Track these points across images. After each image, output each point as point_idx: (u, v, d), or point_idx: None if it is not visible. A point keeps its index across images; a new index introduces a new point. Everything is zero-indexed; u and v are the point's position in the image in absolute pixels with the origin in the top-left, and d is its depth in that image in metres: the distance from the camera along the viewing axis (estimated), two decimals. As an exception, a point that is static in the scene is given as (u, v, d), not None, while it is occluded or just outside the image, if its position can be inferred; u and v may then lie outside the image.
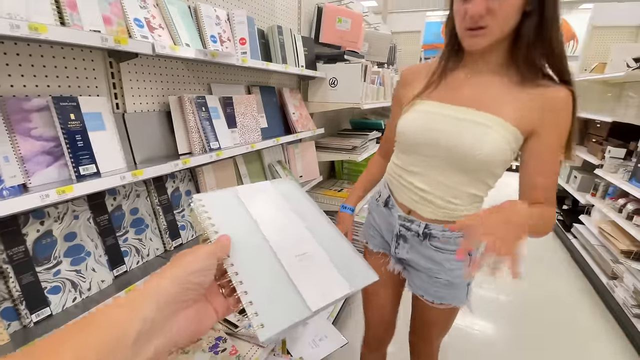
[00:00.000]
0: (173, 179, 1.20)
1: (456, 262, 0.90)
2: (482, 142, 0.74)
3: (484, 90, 0.78)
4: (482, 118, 0.75)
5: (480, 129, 0.74)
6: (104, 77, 1.00)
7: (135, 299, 0.29)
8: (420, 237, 0.91)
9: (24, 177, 0.77)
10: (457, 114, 0.78)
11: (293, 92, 1.86)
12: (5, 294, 0.76)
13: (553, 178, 0.77)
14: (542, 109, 0.73)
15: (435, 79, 0.85)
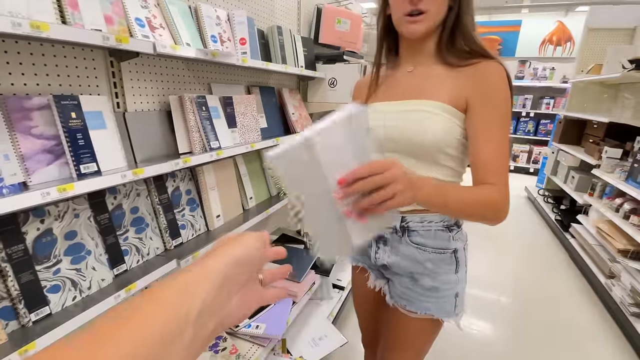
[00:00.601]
0: (173, 178, 1.20)
1: (441, 264, 0.85)
2: (425, 127, 0.75)
3: (424, 80, 0.80)
4: (423, 105, 0.77)
5: (422, 115, 0.76)
6: (104, 76, 1.00)
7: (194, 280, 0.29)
8: (398, 233, 0.87)
9: (24, 176, 0.76)
10: (402, 107, 0.80)
11: (292, 92, 1.87)
12: (3, 293, 0.75)
13: (497, 153, 0.72)
14: (473, 80, 0.74)
15: (373, 82, 0.89)
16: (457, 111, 0.75)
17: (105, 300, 0.86)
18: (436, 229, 0.84)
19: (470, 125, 0.75)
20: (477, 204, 0.69)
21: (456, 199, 0.67)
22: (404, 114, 0.79)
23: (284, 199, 1.70)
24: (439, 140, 0.75)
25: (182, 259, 1.08)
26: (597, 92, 3.52)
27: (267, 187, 1.72)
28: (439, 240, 0.84)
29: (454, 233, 0.86)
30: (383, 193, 0.51)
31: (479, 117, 0.74)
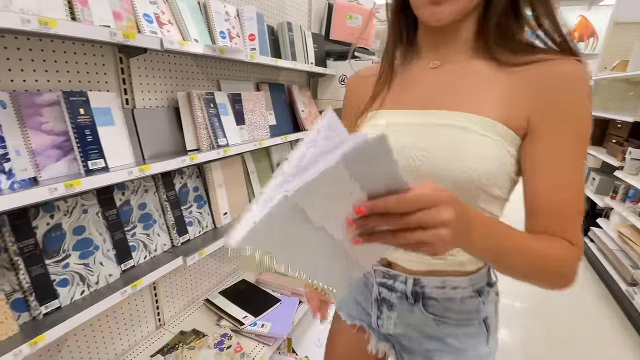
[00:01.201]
0: (181, 174, 1.21)
1: (468, 339, 0.63)
2: (463, 153, 0.51)
3: (454, 82, 0.57)
4: (459, 119, 0.53)
5: (458, 135, 0.52)
6: (114, 73, 1.01)
7: None
8: (409, 299, 0.64)
9: (35, 171, 0.78)
10: (424, 119, 0.56)
11: (302, 89, 1.85)
12: (15, 286, 0.77)
13: (570, 194, 0.50)
14: (537, 91, 0.51)
15: (383, 79, 0.65)
16: (512, 133, 0.51)
17: (113, 295, 0.87)
18: (463, 295, 0.61)
19: (530, 155, 0.52)
20: (543, 261, 0.48)
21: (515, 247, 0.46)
22: (427, 129, 0.54)
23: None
24: (483, 175, 0.51)
25: (188, 255, 1.08)
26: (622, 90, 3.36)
27: (275, 184, 1.72)
28: (466, 309, 0.62)
29: (486, 296, 0.62)
30: (420, 237, 0.35)
31: (549, 145, 0.50)
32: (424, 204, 0.35)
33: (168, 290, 1.30)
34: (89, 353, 1.03)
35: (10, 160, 0.73)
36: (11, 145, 0.74)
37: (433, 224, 0.35)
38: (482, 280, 0.62)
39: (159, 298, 1.26)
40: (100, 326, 1.06)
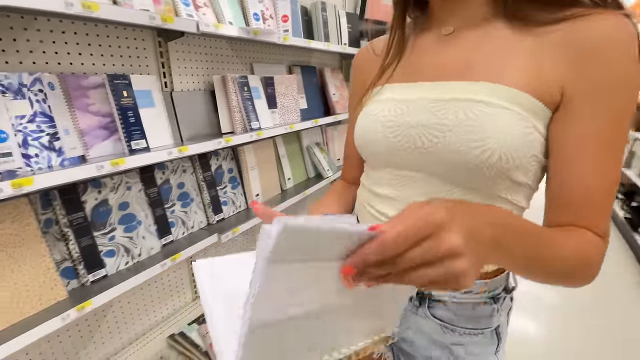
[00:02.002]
0: (217, 156, 1.24)
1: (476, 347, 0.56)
2: (480, 132, 0.43)
3: (471, 48, 0.49)
4: (475, 91, 0.45)
5: (476, 109, 0.44)
6: (153, 56, 1.04)
7: None
8: (413, 301, 0.57)
9: (83, 150, 0.83)
10: (437, 94, 0.48)
11: (334, 71, 1.82)
12: (66, 255, 0.84)
13: (606, 182, 0.43)
14: (573, 55, 0.42)
15: (393, 52, 0.57)
16: (542, 106, 0.43)
17: (154, 267, 0.93)
18: (476, 301, 0.54)
19: (562, 133, 0.43)
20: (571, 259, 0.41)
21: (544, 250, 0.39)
22: (439, 104, 0.47)
23: (321, 180, 1.69)
24: (505, 156, 0.43)
25: (223, 233, 1.13)
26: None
27: (304, 168, 1.72)
28: (478, 317, 0.55)
29: (501, 303, 0.55)
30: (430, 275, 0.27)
31: (585, 122, 0.42)
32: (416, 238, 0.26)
33: (203, 266, 1.37)
34: (132, 319, 1.12)
35: (60, 139, 0.78)
36: (60, 125, 0.79)
37: (438, 259, 0.26)
38: (500, 285, 0.55)
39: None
40: (142, 295, 1.14)
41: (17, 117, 0.71)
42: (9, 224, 0.73)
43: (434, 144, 0.47)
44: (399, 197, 0.54)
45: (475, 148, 0.43)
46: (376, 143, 0.53)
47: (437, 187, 0.50)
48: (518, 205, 0.49)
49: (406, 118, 0.49)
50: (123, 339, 1.10)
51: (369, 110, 0.55)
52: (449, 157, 0.46)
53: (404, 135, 0.49)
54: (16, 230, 0.74)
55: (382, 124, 0.52)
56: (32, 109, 0.74)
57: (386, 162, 0.54)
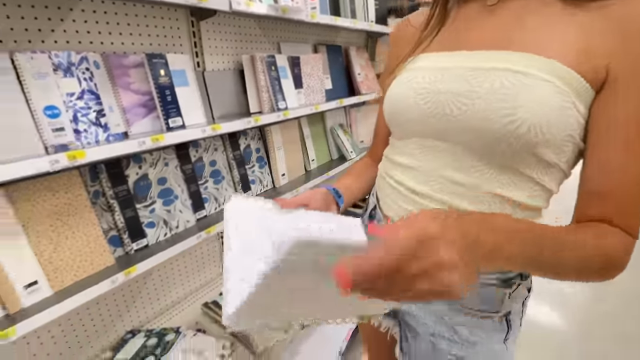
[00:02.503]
0: (245, 136, 1.28)
1: (482, 332, 0.54)
2: (513, 102, 0.41)
3: (515, 19, 0.47)
4: (514, 61, 0.43)
5: (513, 79, 0.42)
6: (187, 36, 1.07)
7: None
8: None
9: (125, 126, 0.88)
10: (475, 62, 0.47)
11: (360, 50, 1.79)
12: (112, 225, 0.90)
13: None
14: (624, 32, 0.40)
15: (434, 23, 0.55)
16: (585, 84, 0.41)
17: (189, 238, 0.99)
18: (485, 282, 0.52)
19: (604, 116, 0.41)
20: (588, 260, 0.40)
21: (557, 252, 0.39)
22: (474, 73, 0.46)
23: (344, 162, 1.70)
24: (534, 129, 0.41)
25: (251, 210, 1.17)
26: None
27: (328, 150, 1.74)
28: (486, 300, 0.53)
29: (514, 289, 0.53)
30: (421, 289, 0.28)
31: (631, 106, 0.40)
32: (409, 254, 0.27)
33: (232, 241, 1.44)
34: (169, 287, 1.20)
35: (106, 115, 0.83)
36: (105, 102, 0.84)
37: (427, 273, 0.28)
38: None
39: (225, 247, 1.40)
40: (179, 265, 1.21)
41: (67, 95, 0.76)
42: (63, 194, 0.79)
43: (463, 112, 0.46)
44: (420, 168, 0.53)
45: (504, 116, 0.42)
46: (407, 110, 0.52)
47: (460, 159, 0.49)
48: (545, 186, 0.47)
49: (439, 85, 0.49)
50: (161, 304, 1.18)
51: (402, 77, 0.55)
52: (475, 125, 0.45)
53: (434, 101, 0.49)
54: (69, 200, 0.80)
55: (415, 90, 0.51)
56: (80, 87, 0.78)
57: (413, 131, 0.53)
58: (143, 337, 1.04)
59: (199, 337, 1.04)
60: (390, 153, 0.61)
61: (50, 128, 0.72)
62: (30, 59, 0.70)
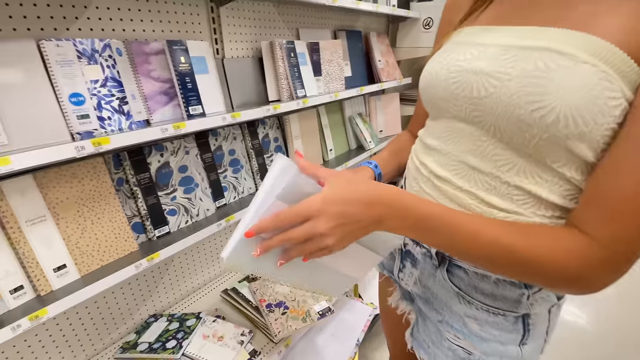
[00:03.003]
0: (264, 125, 1.27)
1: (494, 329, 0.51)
2: (546, 86, 0.37)
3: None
4: (556, 39, 0.38)
5: (548, 62, 0.38)
6: (206, 23, 1.05)
7: None
8: (433, 260, 0.55)
9: (147, 114, 0.88)
10: (511, 39, 0.43)
11: (380, 36, 1.74)
12: (135, 212, 0.92)
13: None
14: None
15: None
16: (637, 67, 0.35)
17: (210, 226, 0.99)
18: (500, 277, 0.49)
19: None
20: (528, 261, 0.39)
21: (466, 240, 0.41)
22: (512, 52, 0.42)
23: (363, 152, 1.67)
24: (569, 120, 0.36)
25: (270, 199, 1.17)
26: None
27: (346, 139, 1.71)
28: (500, 296, 0.50)
29: (534, 290, 0.48)
30: (310, 248, 0.41)
31: None
32: (300, 218, 0.40)
33: (250, 230, 1.45)
34: (189, 273, 1.22)
35: (128, 103, 0.83)
36: (128, 90, 0.84)
37: (309, 237, 0.40)
38: None
39: (243, 236, 1.41)
40: (199, 252, 1.23)
41: (91, 82, 0.76)
42: (89, 181, 0.81)
43: (490, 94, 0.43)
44: (443, 151, 0.52)
45: (530, 102, 0.38)
46: (437, 88, 0.50)
47: (482, 145, 0.46)
48: (578, 186, 0.41)
49: (473, 63, 0.45)
50: (182, 290, 1.21)
51: (440, 52, 0.52)
52: (500, 110, 0.42)
53: (463, 82, 0.46)
54: (94, 186, 0.82)
55: (448, 68, 0.48)
56: (103, 74, 0.79)
57: (442, 111, 0.51)
58: (165, 321, 1.06)
59: (219, 323, 1.06)
60: (422, 134, 0.59)
61: (75, 115, 0.73)
62: (56, 46, 0.70)
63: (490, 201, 0.46)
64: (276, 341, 1.03)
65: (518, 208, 0.44)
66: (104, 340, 1.01)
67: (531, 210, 0.44)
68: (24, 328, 0.65)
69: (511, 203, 0.45)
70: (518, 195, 0.44)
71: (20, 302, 0.70)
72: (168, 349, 0.95)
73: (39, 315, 0.67)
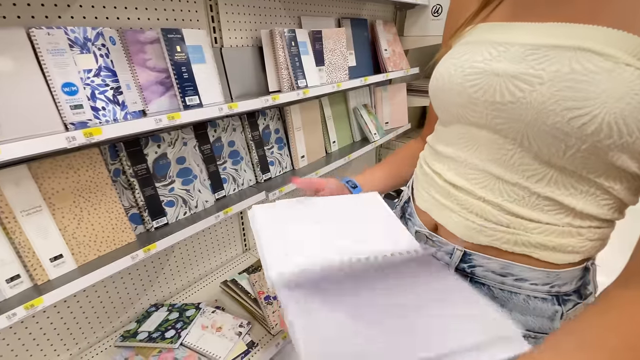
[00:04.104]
0: (264, 116, 1.25)
1: None
2: (585, 92, 0.33)
3: None
4: (594, 38, 0.34)
5: (586, 62, 0.34)
6: (203, 10, 1.03)
7: None
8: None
9: (143, 104, 0.87)
10: (539, 37, 0.38)
11: (387, 25, 1.68)
12: (132, 203, 0.92)
13: None
14: None
15: None
16: None
17: (208, 218, 0.99)
18: (531, 295, 0.44)
19: None
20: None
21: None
22: (541, 52, 0.37)
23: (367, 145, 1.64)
24: (613, 129, 0.33)
25: (270, 191, 1.16)
26: None
27: (350, 131, 1.68)
28: (531, 315, 0.45)
29: (568, 307, 0.45)
30: None
31: None
32: None
33: (252, 221, 1.44)
34: (190, 264, 1.23)
35: (123, 93, 0.82)
36: (122, 79, 0.83)
37: None
38: (570, 283, 0.43)
39: (245, 226, 1.40)
40: (199, 243, 1.24)
41: (84, 71, 0.75)
42: (85, 172, 0.81)
43: (517, 99, 0.38)
44: (459, 158, 0.47)
45: (568, 109, 0.34)
46: (451, 92, 0.45)
47: (508, 154, 0.41)
48: (617, 196, 0.38)
49: (493, 64, 0.40)
50: (182, 281, 1.21)
51: (452, 53, 0.47)
52: (530, 117, 0.37)
53: (483, 84, 0.41)
54: (91, 177, 0.82)
55: (463, 70, 0.43)
56: (97, 63, 0.77)
57: (457, 117, 0.46)
58: (165, 311, 1.07)
59: (218, 313, 1.06)
60: (432, 140, 0.54)
61: (69, 105, 0.72)
62: (47, 35, 0.69)
63: (518, 213, 0.42)
64: (274, 333, 1.03)
65: (550, 219, 0.41)
66: (106, 328, 1.03)
67: (565, 221, 0.40)
68: (19, 316, 0.66)
69: (542, 214, 0.41)
70: (550, 206, 0.40)
71: (17, 291, 0.71)
72: (167, 338, 0.96)
73: (35, 305, 0.68)
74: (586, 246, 0.41)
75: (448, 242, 0.49)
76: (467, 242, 0.46)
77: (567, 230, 0.40)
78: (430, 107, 0.65)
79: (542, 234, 0.41)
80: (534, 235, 0.42)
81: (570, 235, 0.41)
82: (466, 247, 0.47)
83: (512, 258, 0.43)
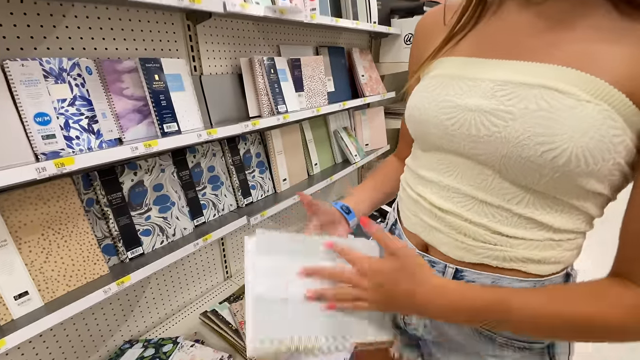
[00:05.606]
0: (245, 141, 1.25)
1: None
2: (553, 127, 0.36)
3: (565, 25, 0.40)
4: (556, 77, 0.37)
5: (549, 100, 0.37)
6: (183, 40, 1.05)
7: None
8: None
9: (119, 132, 0.86)
10: (506, 74, 0.41)
11: (363, 52, 1.76)
12: (106, 233, 0.89)
13: None
14: None
15: (468, 16, 0.48)
16: (635, 108, 0.36)
17: (187, 246, 0.96)
18: None
19: None
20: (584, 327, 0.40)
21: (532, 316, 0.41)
22: (509, 89, 0.40)
23: (349, 166, 1.66)
24: (579, 159, 0.36)
25: (252, 216, 1.14)
26: None
27: (332, 154, 1.70)
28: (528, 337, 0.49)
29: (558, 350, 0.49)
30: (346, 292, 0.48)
31: None
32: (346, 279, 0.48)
33: (234, 246, 1.41)
34: (167, 295, 1.18)
35: (98, 122, 0.81)
36: (98, 108, 0.82)
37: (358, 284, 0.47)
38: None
39: (226, 252, 1.37)
40: (177, 272, 1.19)
41: (59, 101, 0.75)
42: (55, 202, 0.78)
43: (492, 133, 0.40)
44: (441, 183, 0.49)
45: (540, 144, 0.37)
46: (428, 124, 0.47)
47: (488, 180, 0.44)
48: (587, 212, 0.43)
49: (465, 99, 0.43)
50: (160, 313, 1.16)
51: (424, 85, 0.49)
52: (506, 151, 0.40)
53: (459, 118, 0.43)
54: (62, 208, 0.79)
55: (437, 104, 0.46)
56: (72, 93, 0.77)
57: (436, 146, 0.48)
58: (141, 348, 1.01)
59: (197, 347, 1.01)
60: (413, 164, 0.56)
61: (40, 135, 0.71)
62: (20, 66, 0.69)
63: (504, 232, 0.45)
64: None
65: (533, 235, 0.44)
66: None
67: (546, 236, 0.44)
68: (-24, 362, 0.61)
69: (526, 232, 0.44)
70: (531, 224, 0.44)
71: (-25, 333, 0.66)
72: (141, 377, 0.90)
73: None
74: (565, 255, 0.45)
75: (440, 260, 0.51)
76: (458, 261, 0.49)
77: (548, 244, 0.44)
78: (402, 130, 0.68)
79: (527, 249, 0.44)
80: (520, 251, 0.44)
81: (552, 248, 0.44)
82: (457, 265, 0.49)
83: (502, 272, 0.46)
